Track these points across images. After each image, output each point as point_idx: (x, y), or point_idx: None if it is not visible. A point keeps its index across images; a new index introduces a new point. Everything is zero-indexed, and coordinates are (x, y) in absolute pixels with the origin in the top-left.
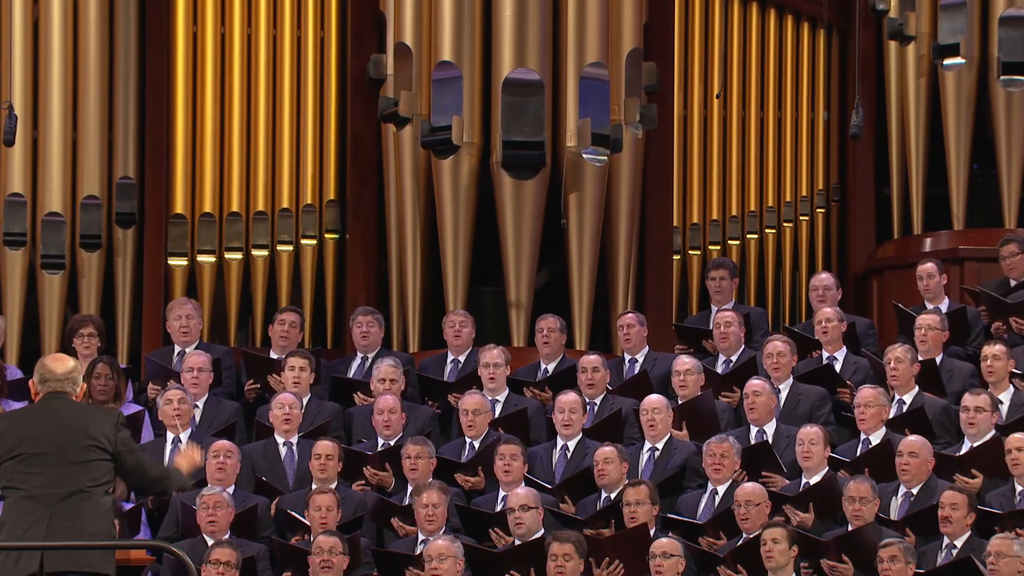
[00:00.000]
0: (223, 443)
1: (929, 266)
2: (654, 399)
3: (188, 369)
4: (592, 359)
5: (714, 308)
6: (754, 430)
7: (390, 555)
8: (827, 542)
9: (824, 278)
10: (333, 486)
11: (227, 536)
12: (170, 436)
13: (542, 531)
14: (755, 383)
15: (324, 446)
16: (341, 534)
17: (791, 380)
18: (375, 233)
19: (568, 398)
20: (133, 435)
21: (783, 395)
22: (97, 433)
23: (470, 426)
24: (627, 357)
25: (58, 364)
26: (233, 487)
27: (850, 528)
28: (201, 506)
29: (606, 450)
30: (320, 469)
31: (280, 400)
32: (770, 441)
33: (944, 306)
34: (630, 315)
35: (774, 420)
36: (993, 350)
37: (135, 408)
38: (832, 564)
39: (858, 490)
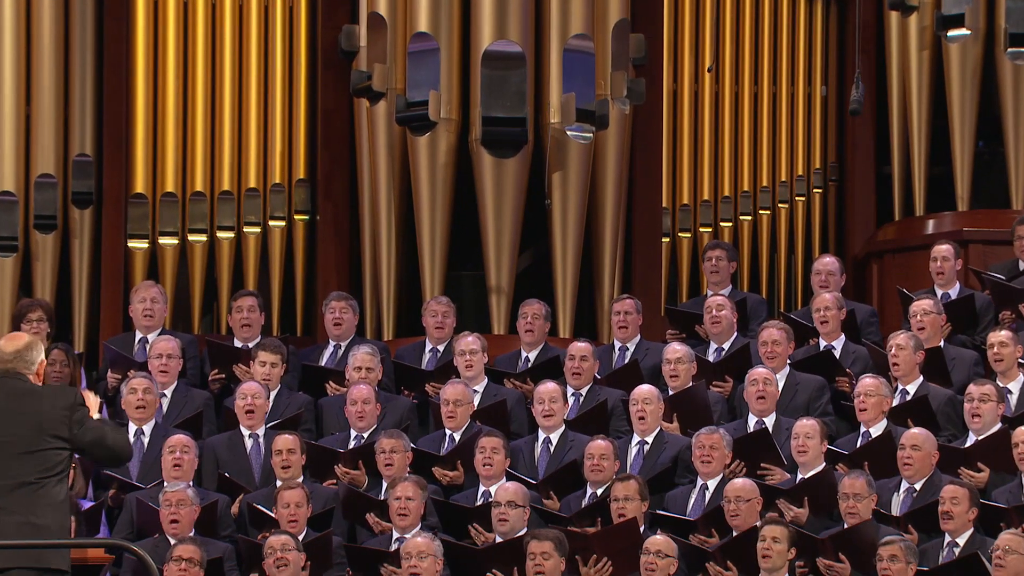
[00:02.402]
0: (179, 438)
1: (945, 248)
2: (645, 390)
3: (157, 356)
4: (581, 347)
5: (709, 293)
6: (753, 420)
7: (364, 552)
8: (823, 540)
9: (828, 262)
10: (299, 480)
11: (191, 535)
12: (132, 427)
13: (525, 529)
14: (762, 371)
15: (284, 441)
16: (292, 532)
17: (787, 369)
18: (347, 214)
19: (547, 387)
20: None
21: (780, 385)
22: (51, 419)
23: (450, 416)
24: (617, 345)
25: (8, 343)
26: (192, 482)
27: (846, 526)
28: (164, 504)
29: (600, 444)
30: (282, 465)
31: (242, 390)
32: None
33: (955, 292)
34: (628, 300)
35: (774, 412)
36: (1000, 337)
37: None
38: (829, 563)
39: (852, 486)
